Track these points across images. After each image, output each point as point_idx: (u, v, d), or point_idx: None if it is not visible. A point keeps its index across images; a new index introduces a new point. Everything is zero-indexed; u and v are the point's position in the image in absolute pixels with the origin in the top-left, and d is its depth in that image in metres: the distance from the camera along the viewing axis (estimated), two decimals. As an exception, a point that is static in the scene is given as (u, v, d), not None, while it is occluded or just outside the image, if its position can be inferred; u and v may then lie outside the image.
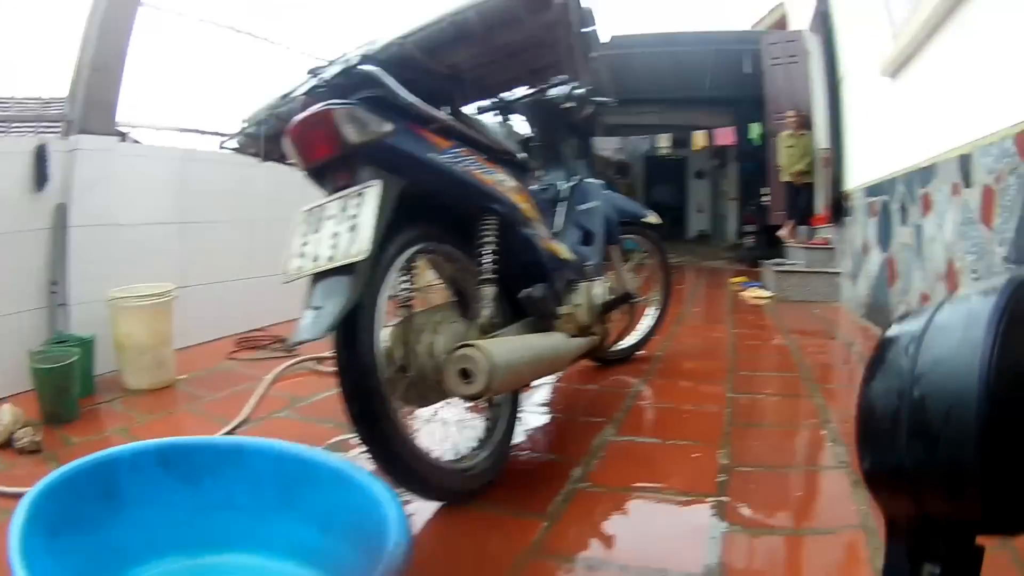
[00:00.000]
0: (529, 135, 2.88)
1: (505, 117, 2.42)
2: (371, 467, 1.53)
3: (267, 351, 3.57)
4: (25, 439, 2.10)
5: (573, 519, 1.59)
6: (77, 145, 3.11)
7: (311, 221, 1.53)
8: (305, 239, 1.51)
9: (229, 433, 2.24)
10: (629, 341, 3.24)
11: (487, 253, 1.75)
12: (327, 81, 1.65)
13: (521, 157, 2.06)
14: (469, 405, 1.96)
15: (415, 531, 1.56)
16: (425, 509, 1.66)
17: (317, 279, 1.44)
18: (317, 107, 1.50)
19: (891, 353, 0.37)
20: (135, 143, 3.92)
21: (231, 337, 3.86)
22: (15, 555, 0.92)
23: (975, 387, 0.32)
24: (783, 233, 8.13)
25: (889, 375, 0.36)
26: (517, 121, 2.79)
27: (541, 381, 2.82)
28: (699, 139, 10.83)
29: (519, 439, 2.13)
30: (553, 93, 2.61)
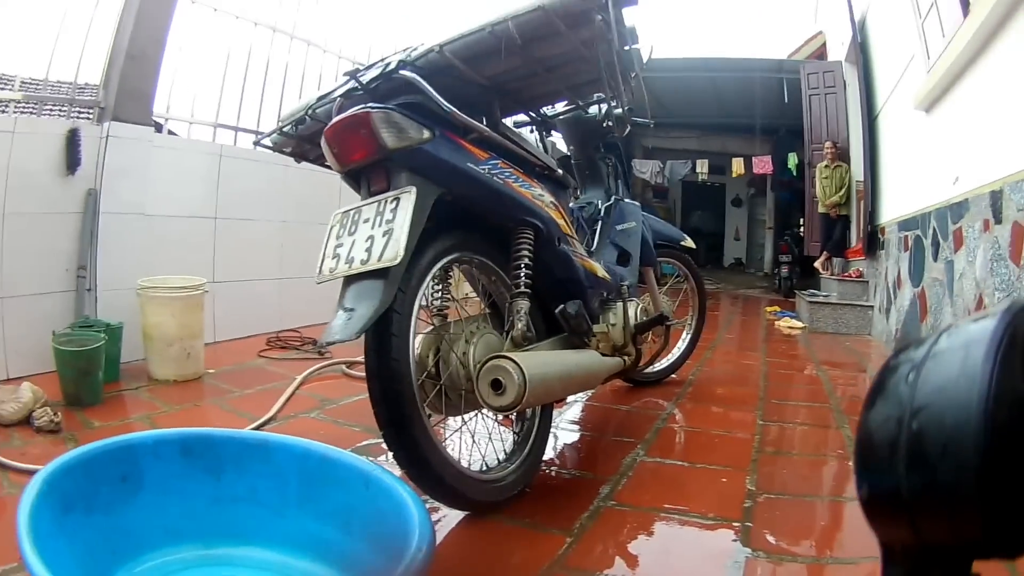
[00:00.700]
0: (567, 153, 2.86)
1: (544, 133, 2.40)
2: (398, 472, 1.52)
3: (298, 352, 3.58)
4: (44, 418, 2.12)
5: (598, 536, 1.55)
6: (110, 132, 3.15)
7: (346, 223, 1.52)
8: (340, 241, 1.50)
9: (257, 429, 2.23)
10: (662, 364, 3.18)
11: (522, 266, 1.72)
12: (365, 84, 1.63)
13: (560, 173, 2.03)
14: (500, 417, 1.93)
15: (437, 537, 1.53)
16: (450, 517, 1.63)
17: (350, 281, 1.44)
18: (355, 109, 1.49)
19: (890, 382, 0.37)
20: (172, 135, 3.99)
21: (262, 336, 3.88)
22: (24, 528, 0.90)
23: (974, 415, 0.31)
24: (818, 264, 8.04)
25: (888, 404, 0.36)
26: (555, 138, 2.78)
27: (573, 398, 2.79)
28: (737, 166, 10.74)
29: (549, 454, 2.09)
30: (592, 111, 2.58)
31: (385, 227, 1.41)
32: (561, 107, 2.64)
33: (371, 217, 1.46)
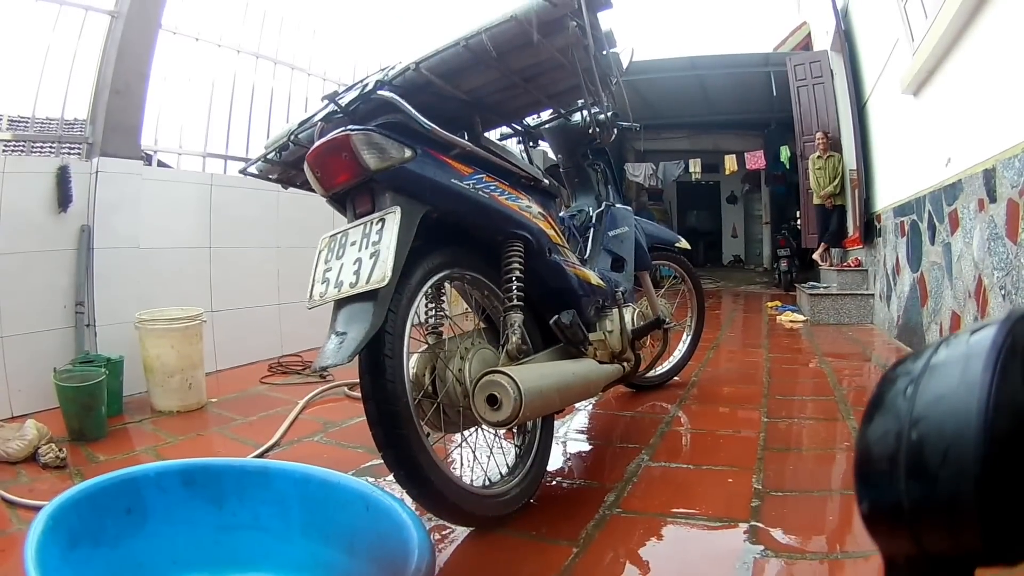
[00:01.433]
0: (555, 162, 2.86)
1: (530, 143, 2.39)
2: (398, 493, 1.51)
3: (300, 376, 3.58)
4: (50, 455, 2.14)
5: (605, 545, 1.54)
6: (99, 168, 3.17)
7: (334, 247, 1.52)
8: (328, 265, 1.50)
9: (260, 456, 2.24)
10: (664, 367, 3.19)
11: (513, 279, 1.72)
12: (344, 107, 1.64)
13: (546, 183, 2.03)
14: (501, 431, 1.93)
15: (444, 554, 1.53)
16: (456, 532, 1.63)
17: (340, 305, 1.43)
18: (335, 132, 1.48)
19: (889, 395, 0.37)
20: (165, 167, 4.00)
21: (263, 362, 3.89)
22: (31, 563, 0.91)
23: (973, 425, 0.31)
24: (816, 255, 8.04)
25: (887, 417, 0.36)
26: (544, 147, 2.77)
27: (576, 407, 2.79)
28: (730, 163, 10.75)
29: (553, 464, 2.09)
30: (576, 119, 2.57)
31: (372, 249, 1.41)
32: (546, 115, 2.65)
33: (358, 240, 1.46)
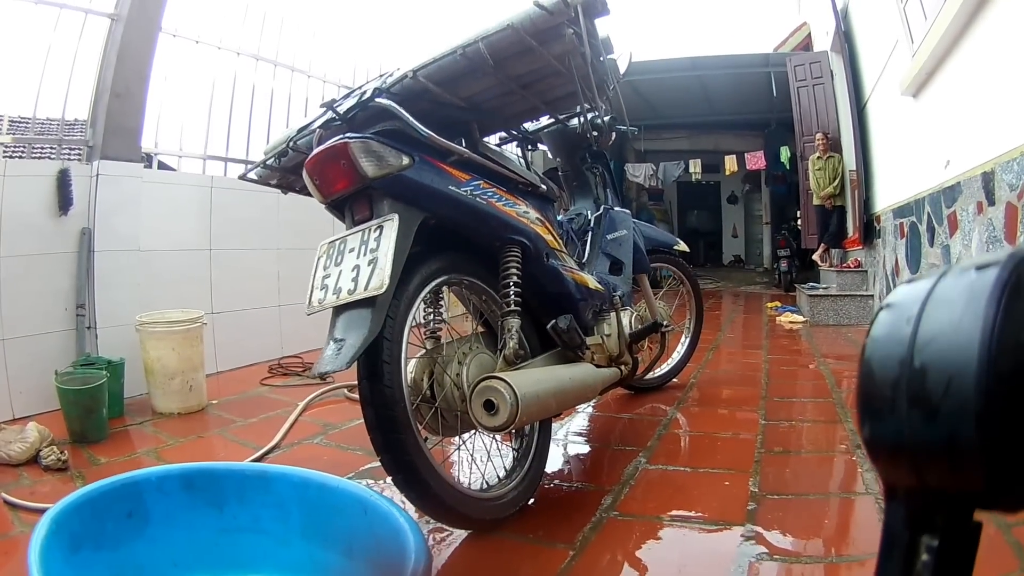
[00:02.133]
0: (553, 167, 2.87)
1: (528, 148, 2.41)
2: (397, 498, 1.53)
3: (300, 378, 3.59)
4: (51, 457, 2.15)
5: (601, 548, 1.55)
6: (99, 171, 3.18)
7: (332, 254, 1.54)
8: (327, 271, 1.51)
9: (260, 458, 2.25)
10: (662, 369, 3.20)
11: (511, 284, 1.73)
12: (342, 114, 1.65)
13: (544, 188, 2.04)
14: (500, 435, 1.94)
15: (441, 556, 1.54)
16: (453, 535, 1.64)
17: (339, 312, 1.45)
18: (333, 140, 1.50)
19: (892, 321, 0.37)
20: (168, 169, 4.02)
21: (264, 363, 3.90)
22: (34, 566, 0.92)
23: (976, 359, 0.31)
24: (816, 256, 8.04)
25: (890, 343, 0.36)
26: (543, 150, 2.78)
27: (575, 409, 2.80)
28: (730, 163, 10.75)
29: (550, 467, 2.10)
30: (574, 123, 2.58)
31: (370, 256, 1.42)
32: (545, 120, 2.66)
33: (356, 246, 1.47)
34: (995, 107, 2.99)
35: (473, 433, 1.77)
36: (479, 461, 1.83)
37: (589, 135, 2.57)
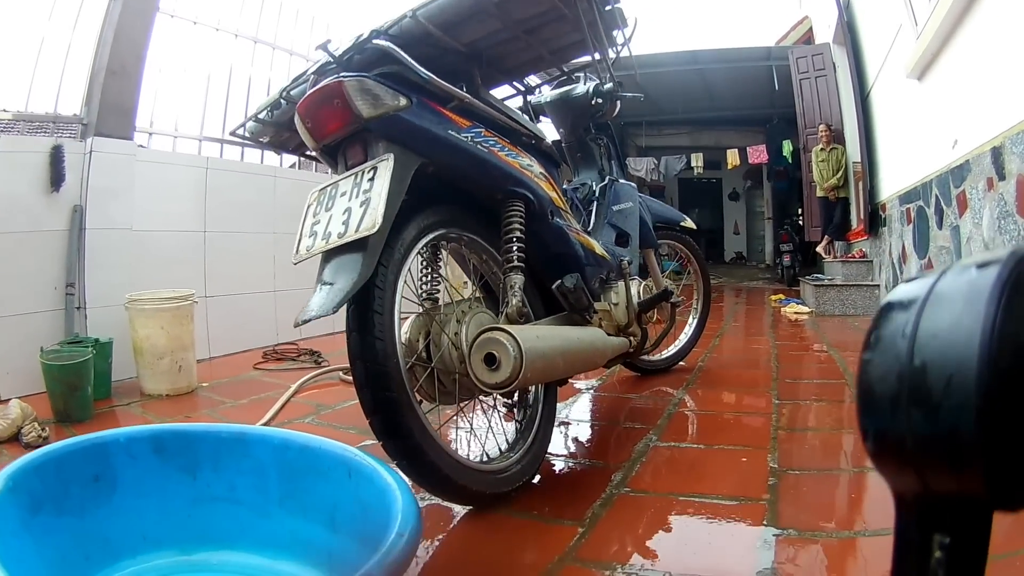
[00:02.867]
0: (557, 138, 2.76)
1: (528, 104, 2.29)
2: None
3: (295, 362, 3.47)
4: (32, 434, 2.07)
5: (612, 525, 1.43)
6: (93, 147, 3.09)
7: (323, 200, 1.43)
8: (316, 218, 1.41)
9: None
10: (669, 351, 3.09)
11: (513, 239, 1.62)
12: (338, 57, 1.54)
13: (548, 143, 1.93)
14: (502, 409, 1.83)
15: (438, 534, 1.43)
16: (451, 511, 1.53)
17: (328, 257, 1.34)
18: (327, 80, 1.40)
19: (891, 321, 0.36)
20: (168, 148, 3.91)
21: (258, 350, 3.78)
22: None
23: (976, 356, 0.31)
24: (820, 248, 7.94)
25: (889, 343, 0.35)
26: (545, 124, 2.67)
27: (579, 388, 2.70)
28: (732, 157, 10.66)
29: (556, 444, 1.99)
30: (579, 91, 2.48)
31: (362, 197, 1.31)
32: (548, 91, 2.56)
33: (348, 190, 1.37)
34: (1002, 81, 2.93)
35: (472, 401, 1.65)
36: (480, 434, 1.72)
37: (594, 101, 2.47)
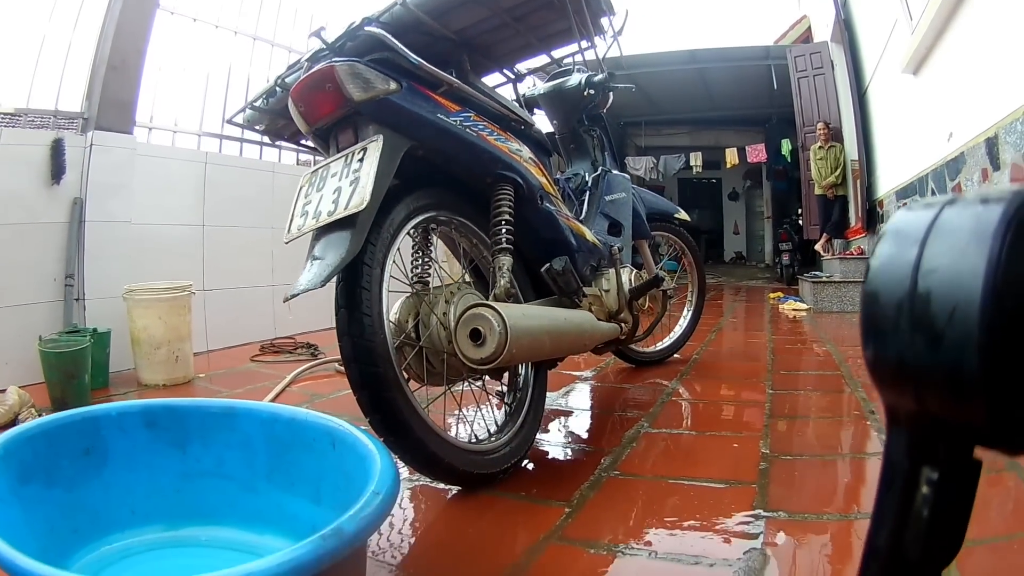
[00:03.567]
0: (550, 130, 2.77)
1: (517, 89, 2.31)
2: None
3: (292, 355, 3.48)
4: (29, 420, 2.06)
5: (599, 506, 1.44)
6: (94, 141, 3.11)
7: (315, 181, 1.46)
8: (308, 199, 1.44)
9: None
10: (664, 343, 3.10)
11: (502, 222, 1.64)
12: (331, 44, 1.57)
13: (536, 128, 1.96)
14: (495, 399, 1.83)
15: (425, 515, 1.45)
16: (436, 492, 1.54)
17: (318, 235, 1.36)
18: (320, 65, 1.43)
19: (896, 244, 0.37)
20: (168, 143, 3.93)
21: (256, 343, 3.79)
22: None
23: (980, 291, 0.31)
24: (818, 246, 7.95)
25: (894, 266, 0.36)
26: (539, 116, 2.68)
27: (572, 376, 2.70)
28: (731, 156, 10.67)
29: (546, 430, 2.00)
30: (571, 83, 2.50)
31: (352, 177, 1.34)
32: (542, 86, 2.57)
33: (339, 171, 1.40)
34: (995, 72, 2.96)
35: (461, 383, 1.66)
36: (469, 418, 1.74)
37: (587, 92, 2.48)
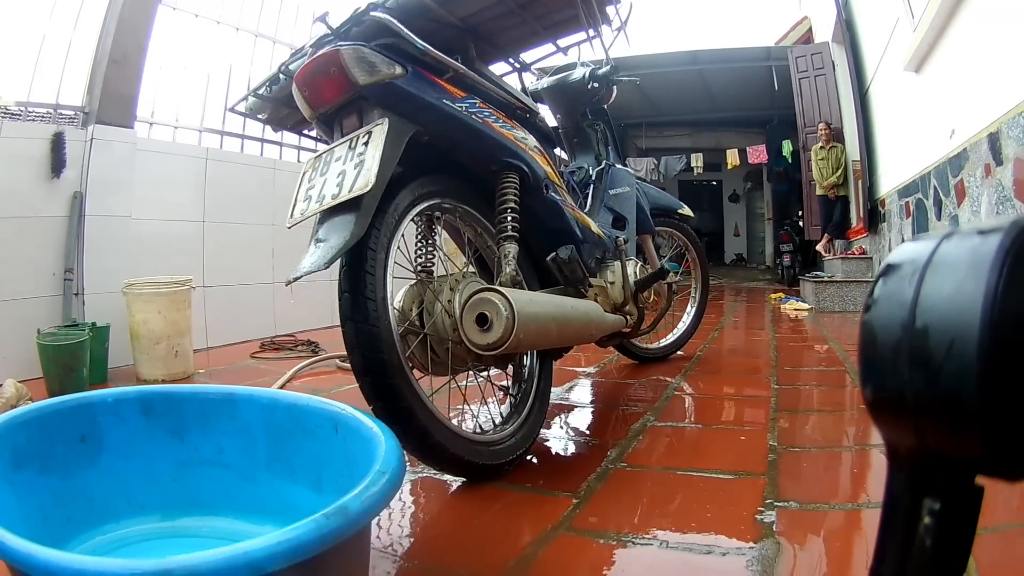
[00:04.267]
0: (554, 124, 2.75)
1: (523, 81, 2.30)
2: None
3: (292, 351, 3.45)
4: None
5: (607, 497, 1.42)
6: (94, 135, 3.08)
7: (318, 166, 1.44)
8: (312, 183, 1.41)
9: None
10: (667, 340, 3.09)
11: (508, 210, 1.61)
12: (335, 29, 1.55)
13: (543, 121, 1.95)
14: (499, 393, 1.80)
15: (429, 507, 1.42)
16: (441, 484, 1.52)
17: (322, 219, 1.34)
18: (325, 49, 1.41)
19: (894, 280, 0.37)
20: (168, 139, 3.91)
21: (256, 341, 3.76)
22: None
23: (979, 323, 0.31)
24: (820, 247, 7.93)
25: (892, 302, 0.36)
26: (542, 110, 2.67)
27: (576, 371, 2.67)
28: (732, 157, 10.66)
29: (551, 423, 1.98)
30: (575, 76, 2.49)
31: (356, 160, 1.32)
32: (545, 81, 2.56)
33: (343, 155, 1.37)
34: (997, 67, 2.95)
35: (465, 373, 1.64)
36: (473, 411, 1.72)
37: (591, 86, 2.47)
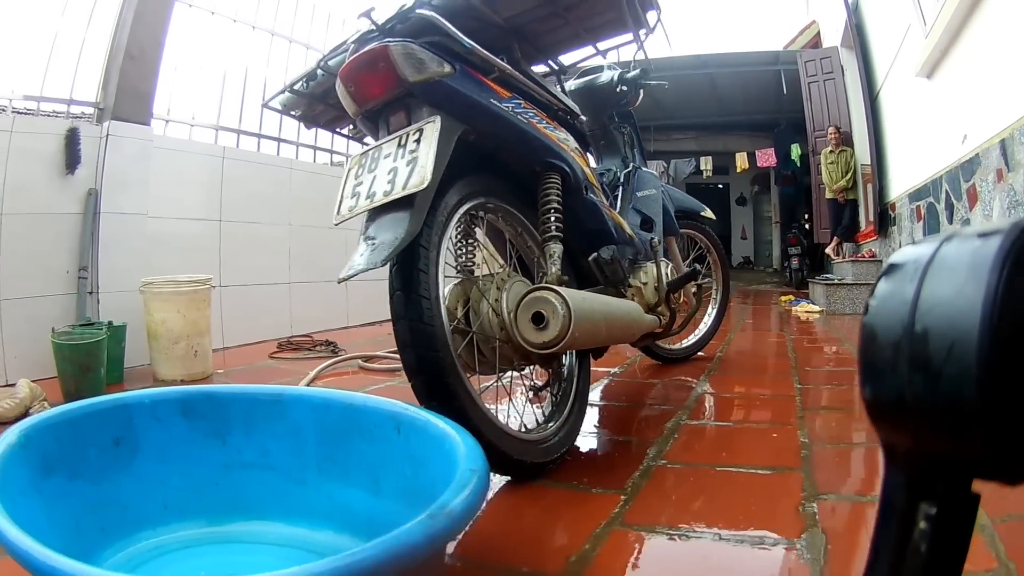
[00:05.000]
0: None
1: (563, 84, 2.31)
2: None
3: (311, 352, 3.42)
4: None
5: (653, 492, 1.41)
6: (110, 131, 3.05)
7: (365, 163, 1.41)
8: (359, 180, 1.39)
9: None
10: (689, 341, 3.08)
11: (551, 210, 1.61)
12: (381, 25, 1.52)
13: (582, 122, 1.94)
14: (530, 394, 1.78)
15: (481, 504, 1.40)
16: (491, 484, 1.50)
17: (373, 216, 1.32)
18: (373, 44, 1.39)
19: (894, 282, 0.36)
20: (185, 137, 3.89)
21: (272, 341, 3.73)
22: None
23: (978, 326, 0.31)
24: (829, 250, 7.91)
25: (892, 304, 0.36)
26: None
27: (603, 372, 2.66)
28: (741, 160, 10.65)
29: (586, 422, 1.97)
30: (603, 79, 2.50)
31: (409, 157, 1.29)
32: (574, 83, 2.56)
33: (392, 151, 1.35)
34: (1011, 74, 2.95)
35: (510, 374, 1.62)
36: (516, 409, 1.71)
37: (620, 89, 2.48)
